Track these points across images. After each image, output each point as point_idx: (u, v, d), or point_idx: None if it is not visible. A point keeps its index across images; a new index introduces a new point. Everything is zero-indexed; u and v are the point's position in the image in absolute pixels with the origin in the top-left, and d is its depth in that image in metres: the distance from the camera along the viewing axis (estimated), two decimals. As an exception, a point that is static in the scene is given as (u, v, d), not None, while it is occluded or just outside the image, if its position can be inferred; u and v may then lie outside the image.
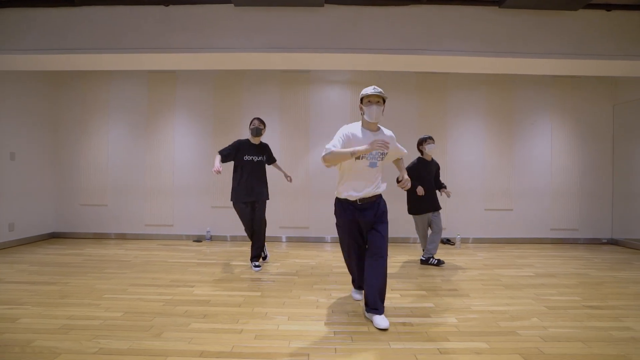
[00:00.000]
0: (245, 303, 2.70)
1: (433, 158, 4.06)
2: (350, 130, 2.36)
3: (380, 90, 2.33)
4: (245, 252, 4.57)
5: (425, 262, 4.01)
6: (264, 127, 3.71)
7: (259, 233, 3.69)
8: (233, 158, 3.61)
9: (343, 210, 2.45)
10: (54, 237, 5.52)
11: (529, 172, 5.49)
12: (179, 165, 5.52)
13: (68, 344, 1.99)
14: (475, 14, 3.67)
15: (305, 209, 5.43)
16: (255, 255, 3.75)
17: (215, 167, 3.35)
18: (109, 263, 3.91)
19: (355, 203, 2.39)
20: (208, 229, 5.39)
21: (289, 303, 2.70)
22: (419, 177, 3.89)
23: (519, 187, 5.48)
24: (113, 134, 5.56)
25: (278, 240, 5.41)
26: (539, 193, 5.48)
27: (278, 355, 1.89)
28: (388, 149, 2.26)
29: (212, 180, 5.43)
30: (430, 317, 2.46)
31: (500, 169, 5.49)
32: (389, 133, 2.47)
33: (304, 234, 5.43)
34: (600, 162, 5.48)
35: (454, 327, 2.29)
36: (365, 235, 2.47)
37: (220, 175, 5.44)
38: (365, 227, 2.44)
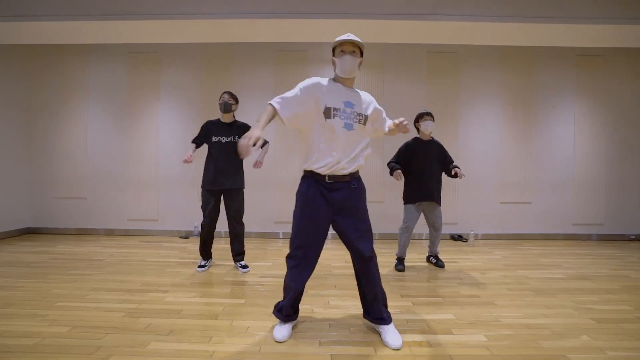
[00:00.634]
0: (224, 314, 2.22)
1: (434, 138, 3.38)
2: (318, 80, 1.85)
3: (356, 38, 1.83)
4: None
5: (427, 259, 3.63)
6: (236, 102, 3.18)
7: (236, 228, 3.21)
8: (204, 139, 3.20)
9: (307, 190, 1.88)
10: (29, 232, 5.06)
11: (550, 160, 4.97)
12: (164, 154, 5.03)
13: (-19, 375, 1.52)
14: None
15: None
16: (239, 253, 3.29)
17: (185, 156, 2.98)
18: (78, 263, 3.44)
19: (324, 180, 1.85)
20: (196, 224, 4.91)
21: (278, 314, 2.22)
22: (412, 159, 3.26)
23: (538, 177, 4.95)
24: (92, 120, 5.06)
25: (275, 237, 4.93)
26: (561, 184, 4.96)
27: (255, 393, 1.42)
28: (248, 154, 1.59)
29: (200, 171, 4.93)
30: (453, 333, 1.98)
31: (518, 158, 4.97)
32: (368, 95, 1.97)
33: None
34: (630, 149, 4.94)
35: (485, 348, 1.80)
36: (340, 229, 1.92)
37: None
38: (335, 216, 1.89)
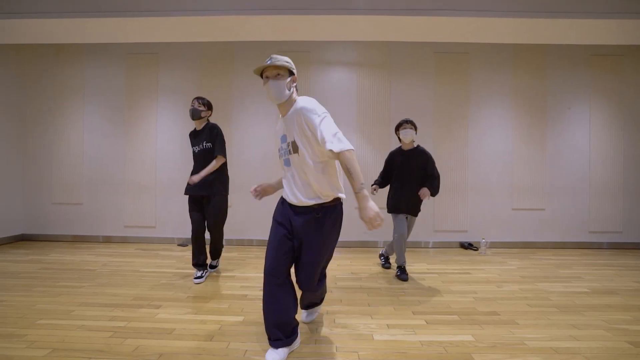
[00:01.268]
0: (220, 334, 2.02)
1: (421, 147, 3.20)
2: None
3: (280, 58, 1.69)
4: (235, 259, 3.91)
5: (382, 256, 3.64)
6: (206, 107, 2.98)
7: (213, 231, 3.06)
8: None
9: (278, 210, 1.88)
10: (23, 239, 4.89)
11: (564, 165, 4.75)
12: (163, 159, 4.85)
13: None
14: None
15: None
16: (214, 257, 3.24)
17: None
18: (69, 273, 3.26)
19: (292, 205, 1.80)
20: (195, 231, 4.72)
21: (279, 335, 2.02)
22: (392, 168, 3.24)
23: (552, 182, 4.73)
24: (88, 123, 4.91)
25: (275, 244, 4.72)
26: (576, 190, 4.73)
27: None
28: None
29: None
30: (474, 358, 1.76)
31: (531, 162, 4.75)
32: (298, 108, 1.65)
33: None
34: (649, 153, 4.72)
35: (512, 379, 1.59)
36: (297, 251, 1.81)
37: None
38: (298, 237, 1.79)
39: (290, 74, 1.71)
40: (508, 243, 4.69)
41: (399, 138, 3.20)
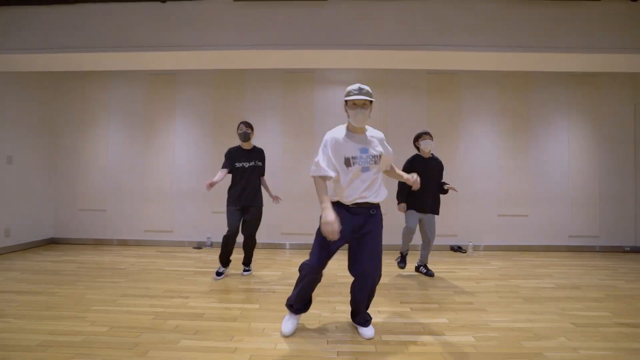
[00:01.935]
0: (242, 317, 2.49)
1: (435, 155, 3.71)
2: (335, 136, 2.16)
3: (368, 91, 2.07)
4: (246, 259, 4.37)
5: (417, 269, 3.86)
6: (252, 130, 3.56)
7: (251, 237, 3.63)
8: (230, 166, 3.54)
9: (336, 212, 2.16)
10: (53, 242, 5.38)
11: (546, 175, 5.21)
12: (179, 169, 5.36)
13: (42, 365, 1.80)
14: (486, 7, 3.46)
15: (309, 215, 5.20)
16: (247, 262, 3.78)
17: (210, 181, 3.34)
18: (103, 271, 3.74)
19: (348, 207, 2.15)
20: (208, 235, 5.21)
21: (289, 317, 2.48)
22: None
23: (535, 191, 5.19)
24: (112, 137, 5.43)
25: (281, 248, 5.20)
26: (556, 198, 5.19)
27: (274, 381, 1.68)
28: (335, 237, 2.00)
29: (214, 189, 5.25)
30: (445, 335, 2.22)
31: (515, 173, 5.22)
32: (378, 134, 2.21)
33: (309, 241, 5.18)
34: (622, 164, 5.18)
35: (472, 347, 2.05)
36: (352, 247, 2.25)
37: (222, 181, 5.29)
38: (352, 235, 2.17)
39: (370, 104, 2.11)
40: (494, 246, 5.14)
41: (418, 147, 3.67)
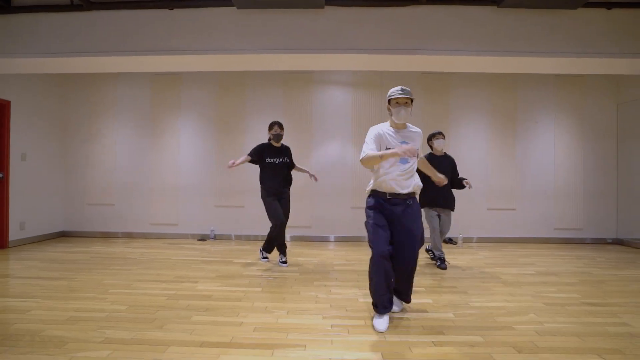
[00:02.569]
0: (246, 298, 2.76)
1: (447, 153, 4.02)
2: (378, 130, 2.35)
3: (409, 91, 2.30)
4: (249, 250, 4.65)
5: (430, 251, 4.10)
6: (283, 131, 3.90)
7: (285, 221, 3.87)
8: (258, 161, 3.82)
9: (375, 202, 2.37)
10: (63, 235, 5.65)
11: (533, 171, 5.48)
12: (184, 166, 5.62)
13: (75, 334, 2.07)
14: (474, 14, 3.70)
15: (308, 209, 5.47)
16: (280, 249, 3.98)
17: (232, 161, 3.62)
18: (115, 260, 4.01)
19: (385, 196, 2.33)
20: (212, 228, 5.48)
21: (289, 298, 2.76)
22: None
23: (522, 186, 5.47)
24: (120, 135, 5.69)
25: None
26: (543, 192, 5.46)
27: (276, 346, 1.95)
28: (416, 156, 2.26)
29: (215, 180, 5.53)
30: (427, 312, 2.50)
31: (503, 169, 5.49)
32: (417, 130, 2.44)
33: (307, 233, 5.48)
34: (605, 161, 5.45)
35: (451, 321, 2.32)
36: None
37: (223, 176, 5.55)
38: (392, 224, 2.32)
39: (411, 103, 2.32)
40: (483, 239, 5.42)
41: (432, 146, 3.97)
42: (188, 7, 3.74)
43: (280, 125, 3.86)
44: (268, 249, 4.02)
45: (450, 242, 5.29)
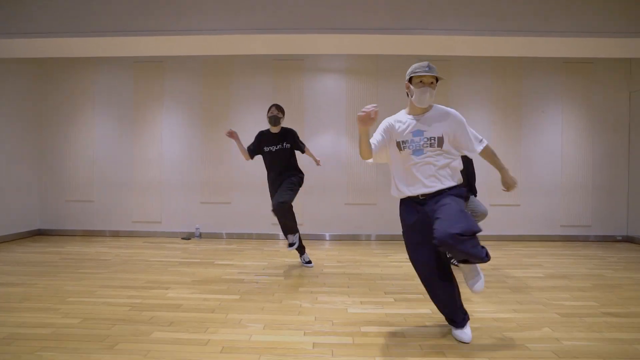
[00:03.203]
0: (220, 308, 2.43)
1: None
2: (389, 120, 2.00)
3: (435, 69, 1.87)
4: (234, 250, 4.33)
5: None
6: (283, 114, 3.41)
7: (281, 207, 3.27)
8: (257, 151, 3.46)
9: (405, 212, 1.99)
10: (40, 234, 5.31)
11: (538, 164, 5.14)
12: (167, 159, 5.27)
13: (6, 358, 1.74)
14: (479, -11, 3.34)
15: (299, 205, 5.12)
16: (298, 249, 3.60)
17: (234, 132, 3.36)
18: (87, 262, 3.68)
19: (415, 197, 1.92)
20: (197, 226, 5.14)
21: (268, 308, 2.43)
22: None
23: (527, 180, 5.12)
24: (99, 127, 5.32)
25: (272, 238, 5.13)
26: (549, 187, 5.13)
27: (243, 374, 1.62)
28: (373, 119, 1.66)
29: (201, 175, 5.18)
30: (426, 325, 2.17)
31: (507, 161, 5.05)
32: (447, 110, 1.95)
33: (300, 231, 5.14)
34: (615, 153, 5.11)
35: (453, 339, 2.00)
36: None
37: (209, 171, 5.21)
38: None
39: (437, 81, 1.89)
40: (486, 236, 5.08)
41: None
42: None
43: (278, 107, 3.38)
44: (285, 235, 3.53)
45: (451, 240, 4.96)
